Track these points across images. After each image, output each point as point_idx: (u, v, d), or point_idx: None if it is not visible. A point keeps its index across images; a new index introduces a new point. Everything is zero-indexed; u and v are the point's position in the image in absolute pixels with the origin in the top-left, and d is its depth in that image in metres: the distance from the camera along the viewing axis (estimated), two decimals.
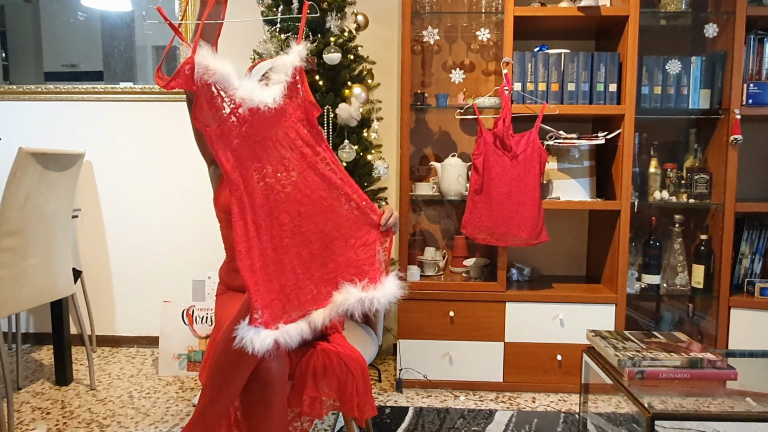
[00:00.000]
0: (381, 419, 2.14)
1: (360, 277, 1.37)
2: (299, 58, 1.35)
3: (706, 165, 2.46)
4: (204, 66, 1.18)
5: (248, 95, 1.26)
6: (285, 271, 1.30)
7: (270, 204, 1.30)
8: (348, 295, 1.34)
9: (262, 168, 1.30)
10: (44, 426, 2.08)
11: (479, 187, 2.32)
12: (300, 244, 1.33)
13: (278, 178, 1.31)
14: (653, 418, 1.33)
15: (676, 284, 2.47)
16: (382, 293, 1.37)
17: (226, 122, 1.25)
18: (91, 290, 3.01)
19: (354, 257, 1.39)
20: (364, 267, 1.38)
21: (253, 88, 1.28)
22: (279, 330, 1.26)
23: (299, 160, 1.35)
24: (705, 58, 2.36)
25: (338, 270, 1.37)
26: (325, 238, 1.36)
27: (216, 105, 1.23)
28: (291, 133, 1.34)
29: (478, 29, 2.44)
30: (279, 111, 1.32)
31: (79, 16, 2.91)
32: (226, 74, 1.21)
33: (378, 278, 1.38)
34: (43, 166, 2.07)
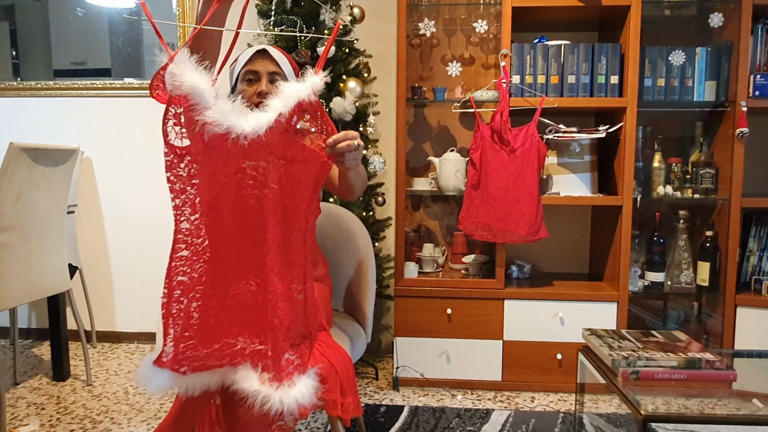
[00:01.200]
0: (375, 418, 2.11)
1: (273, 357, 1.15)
2: (310, 92, 1.11)
3: (712, 159, 2.39)
4: (173, 76, 1.05)
5: (219, 118, 1.07)
6: (210, 309, 1.15)
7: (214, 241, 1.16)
8: (246, 378, 1.15)
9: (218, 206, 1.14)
10: (37, 421, 2.08)
11: (476, 182, 2.28)
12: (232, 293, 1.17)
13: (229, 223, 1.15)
14: (645, 420, 1.28)
15: (681, 282, 2.40)
16: (282, 396, 1.12)
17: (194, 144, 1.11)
18: (90, 286, 3.01)
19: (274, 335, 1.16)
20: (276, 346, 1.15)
21: (227, 111, 1.08)
22: (185, 377, 1.15)
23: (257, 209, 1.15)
24: (710, 48, 2.29)
25: (254, 334, 1.17)
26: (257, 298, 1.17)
27: (191, 121, 1.09)
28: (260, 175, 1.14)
29: (476, 21, 2.39)
30: (258, 145, 1.11)
31: (78, 12, 2.91)
32: (198, 89, 1.06)
33: (292, 373, 1.15)
34: (36, 162, 2.06)
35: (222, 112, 1.08)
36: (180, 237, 1.15)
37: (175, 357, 1.14)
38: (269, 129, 1.10)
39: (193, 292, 1.15)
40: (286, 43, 2.26)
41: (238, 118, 1.09)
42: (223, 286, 1.17)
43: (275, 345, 1.15)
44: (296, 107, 1.11)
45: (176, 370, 1.15)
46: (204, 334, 1.16)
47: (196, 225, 1.15)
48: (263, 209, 1.15)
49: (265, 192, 1.14)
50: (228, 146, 1.10)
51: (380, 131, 2.75)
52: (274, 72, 1.44)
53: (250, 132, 1.09)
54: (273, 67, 1.45)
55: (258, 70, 1.44)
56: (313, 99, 1.13)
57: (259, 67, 1.44)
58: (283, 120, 1.11)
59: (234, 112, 1.09)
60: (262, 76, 1.43)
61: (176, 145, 1.11)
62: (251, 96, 1.42)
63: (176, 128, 1.10)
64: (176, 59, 1.06)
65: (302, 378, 1.16)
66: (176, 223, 1.14)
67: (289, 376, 1.15)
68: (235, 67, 1.50)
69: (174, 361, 1.15)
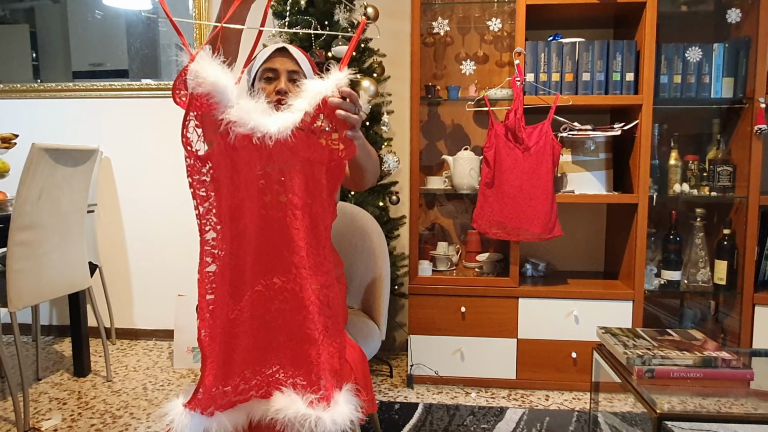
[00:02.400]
0: (389, 415, 2.12)
1: (308, 383, 1.11)
2: (335, 87, 1.05)
3: (730, 156, 2.37)
4: (195, 74, 0.99)
5: (243, 117, 1.02)
6: (242, 339, 1.10)
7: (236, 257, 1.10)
8: (291, 404, 1.10)
9: (240, 215, 1.08)
10: (59, 416, 2.13)
11: (490, 180, 2.28)
12: (259, 313, 1.11)
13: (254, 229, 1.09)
14: (660, 418, 1.28)
15: (698, 280, 2.38)
16: (331, 415, 1.08)
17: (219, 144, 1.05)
18: (110, 284, 3.07)
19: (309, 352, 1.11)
20: (318, 368, 1.10)
21: (251, 109, 1.03)
22: (213, 417, 1.09)
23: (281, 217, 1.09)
24: (728, 44, 2.26)
25: (289, 360, 1.12)
26: (287, 315, 1.11)
27: (212, 124, 1.03)
28: (286, 180, 1.08)
29: (490, 19, 2.39)
30: (283, 146, 1.05)
31: (96, 15, 2.96)
32: (220, 86, 1.01)
33: (332, 392, 1.10)
34: (57, 162, 2.11)
35: (246, 110, 1.03)
36: (207, 249, 1.07)
37: (206, 395, 1.08)
38: (295, 129, 1.05)
39: (220, 312, 1.08)
40: (300, 43, 2.28)
41: (263, 118, 1.04)
42: (249, 307, 1.11)
43: (313, 362, 1.11)
44: (320, 105, 1.05)
45: (205, 412, 1.09)
46: (228, 365, 1.10)
47: (223, 235, 1.08)
48: (293, 216, 1.08)
49: (293, 198, 1.08)
50: (252, 148, 1.05)
51: (394, 130, 2.76)
52: (293, 70, 1.43)
53: (276, 132, 1.04)
54: (292, 65, 1.44)
55: (277, 68, 1.44)
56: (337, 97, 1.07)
57: (279, 65, 1.44)
58: (308, 119, 1.06)
59: (258, 111, 1.04)
60: (281, 74, 1.43)
61: (197, 148, 1.05)
62: (270, 94, 1.42)
63: (198, 130, 1.04)
64: (197, 57, 1.00)
65: (342, 394, 1.12)
66: (201, 233, 1.06)
67: (332, 394, 1.10)
68: (254, 65, 1.50)
69: (205, 401, 1.08)
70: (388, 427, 2.02)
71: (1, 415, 2.14)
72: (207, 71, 1.00)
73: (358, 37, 1.06)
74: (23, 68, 3.05)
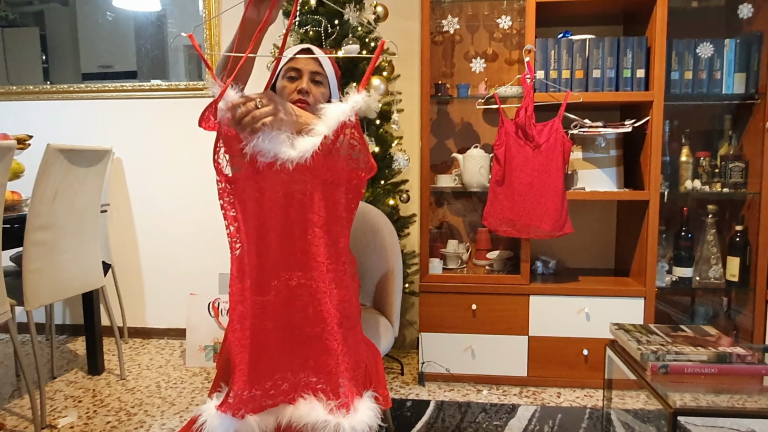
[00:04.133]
0: (401, 412, 2.13)
1: (329, 390, 1.17)
2: (352, 111, 1.10)
3: (742, 153, 2.36)
4: (222, 111, 1.09)
5: (266, 146, 1.10)
6: (267, 348, 1.17)
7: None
8: (312, 410, 1.16)
9: (266, 233, 1.16)
10: (75, 413, 2.15)
11: (500, 178, 2.28)
12: (284, 324, 1.18)
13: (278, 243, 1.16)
14: (676, 413, 1.28)
15: (710, 277, 2.37)
16: (350, 422, 1.13)
17: (245, 172, 1.14)
18: (122, 283, 3.10)
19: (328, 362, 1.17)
20: (337, 376, 1.16)
21: (275, 137, 1.10)
22: (243, 420, 1.15)
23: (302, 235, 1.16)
24: (739, 40, 2.25)
25: (311, 369, 1.19)
26: (308, 327, 1.18)
27: (239, 151, 1.12)
28: (307, 200, 1.15)
29: (499, 17, 2.39)
30: (303, 169, 1.12)
31: (108, 17, 2.98)
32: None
33: (351, 399, 1.15)
34: (71, 162, 2.13)
35: (269, 140, 1.10)
36: (237, 265, 1.16)
37: (236, 399, 1.14)
38: (315, 153, 1.10)
39: (247, 322, 1.15)
40: (311, 42, 2.29)
41: (284, 145, 1.10)
42: (274, 318, 1.17)
43: (332, 371, 1.17)
44: (339, 128, 1.11)
45: (236, 414, 1.15)
46: (257, 371, 1.17)
47: (250, 251, 1.16)
48: (313, 234, 1.15)
49: (313, 217, 1.15)
50: (275, 171, 1.12)
51: (404, 128, 2.77)
52: (316, 72, 1.44)
53: (297, 157, 1.09)
54: (315, 66, 1.45)
55: (300, 68, 1.45)
56: (353, 119, 1.11)
57: (302, 65, 1.44)
58: (328, 142, 1.11)
59: (281, 139, 1.11)
60: (304, 75, 1.44)
61: (227, 173, 1.14)
62: (291, 93, 1.44)
63: (226, 156, 1.13)
64: (226, 95, 1.08)
65: (362, 401, 1.17)
66: (231, 250, 1.16)
67: (351, 402, 1.15)
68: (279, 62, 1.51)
69: (236, 404, 1.14)
70: (400, 424, 2.03)
71: (19, 412, 2.17)
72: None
73: (377, 58, 1.08)
74: (33, 71, 3.08)
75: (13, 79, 3.09)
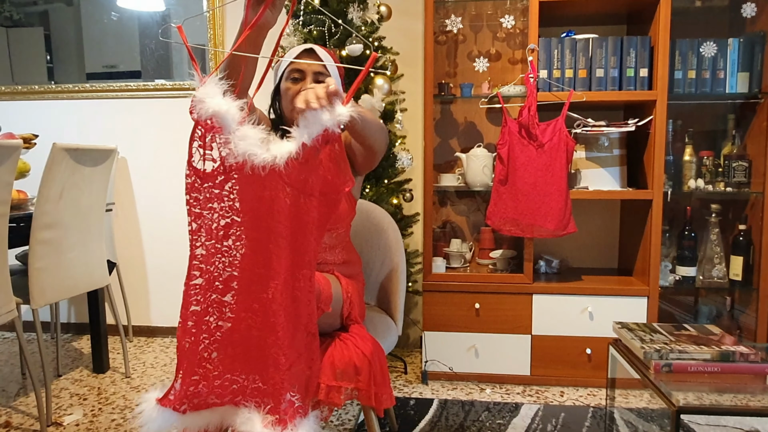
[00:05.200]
0: (405, 411, 2.14)
1: (271, 403, 1.11)
2: (334, 122, 1.04)
3: (745, 152, 2.36)
4: (199, 101, 1.03)
5: (240, 145, 1.04)
6: (221, 348, 1.13)
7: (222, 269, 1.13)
8: (248, 420, 1.10)
9: (229, 235, 1.11)
10: (80, 411, 2.17)
11: (504, 177, 2.29)
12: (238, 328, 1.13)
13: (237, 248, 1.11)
14: (679, 411, 1.29)
15: (713, 276, 2.37)
16: None
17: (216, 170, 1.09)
18: (127, 282, 3.11)
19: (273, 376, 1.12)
20: (280, 391, 1.11)
21: (248, 136, 1.04)
22: (184, 416, 1.12)
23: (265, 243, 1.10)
24: (743, 39, 2.25)
25: (259, 377, 1.13)
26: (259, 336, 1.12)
27: (209, 146, 1.07)
28: (276, 207, 1.09)
29: (502, 16, 2.40)
30: (276, 175, 1.06)
31: (113, 16, 3.00)
32: (220, 114, 1.03)
33: (292, 417, 1.09)
34: (77, 161, 2.14)
35: (243, 138, 1.04)
36: (195, 263, 1.12)
37: (180, 395, 1.12)
38: (290, 159, 1.04)
39: (202, 323, 1.13)
40: (314, 42, 2.30)
41: (258, 146, 1.04)
42: (229, 319, 1.13)
43: (276, 384, 1.12)
44: (319, 138, 1.05)
45: (177, 409, 1.12)
46: (207, 369, 1.13)
47: (211, 252, 1.12)
48: (276, 245, 1.10)
49: (280, 227, 1.09)
50: (246, 174, 1.06)
51: (407, 128, 2.78)
52: (319, 72, 1.44)
53: (270, 161, 1.04)
54: (319, 67, 1.45)
55: (304, 68, 1.44)
56: (336, 131, 1.06)
57: (305, 66, 1.44)
58: (304, 150, 1.05)
59: (256, 140, 1.05)
60: (308, 76, 1.44)
61: (198, 167, 1.09)
62: (295, 95, 1.44)
63: (200, 150, 1.08)
64: (205, 84, 1.03)
65: (304, 421, 1.11)
66: (191, 248, 1.12)
67: (291, 419, 1.10)
68: (281, 64, 1.51)
69: (177, 399, 1.12)
70: (403, 423, 2.04)
71: (25, 410, 2.19)
72: (209, 99, 1.02)
73: (366, 70, 1.04)
74: (38, 71, 3.09)
75: (18, 78, 3.11)
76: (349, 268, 1.62)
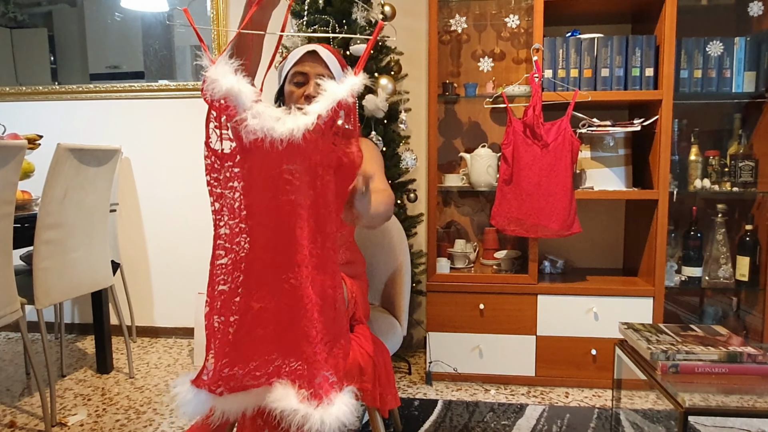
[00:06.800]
0: (409, 411, 2.13)
1: (305, 378, 1.10)
2: (351, 92, 1.05)
3: (752, 151, 2.34)
4: (212, 81, 1.03)
5: (255, 122, 1.04)
6: (252, 329, 1.12)
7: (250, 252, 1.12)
8: (284, 397, 1.09)
9: (252, 213, 1.11)
10: (85, 411, 2.16)
11: (508, 177, 2.28)
12: (267, 305, 1.12)
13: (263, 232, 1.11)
14: (686, 413, 1.28)
15: (719, 277, 2.36)
16: (321, 414, 1.06)
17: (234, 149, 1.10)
18: (130, 282, 3.11)
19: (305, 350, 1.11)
20: (314, 366, 1.10)
21: (263, 113, 1.04)
22: (221, 398, 1.12)
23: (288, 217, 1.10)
24: (749, 38, 2.24)
25: (292, 354, 1.12)
26: (289, 311, 1.11)
27: (227, 127, 1.08)
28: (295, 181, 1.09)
29: (507, 16, 2.39)
30: (294, 148, 1.07)
31: (116, 17, 3.00)
32: (234, 92, 1.03)
33: (327, 391, 1.09)
34: (81, 162, 2.14)
35: (259, 115, 1.04)
36: (219, 243, 1.12)
37: (214, 376, 1.11)
38: (307, 132, 1.05)
39: (231, 303, 1.12)
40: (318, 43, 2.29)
41: (274, 122, 1.05)
42: (259, 298, 1.12)
43: (311, 361, 1.11)
44: (335, 110, 1.06)
45: (213, 391, 1.12)
46: (241, 351, 1.12)
47: (235, 231, 1.12)
48: (298, 216, 1.09)
49: (300, 198, 1.09)
50: (265, 150, 1.06)
51: (412, 128, 2.77)
52: (323, 74, 1.42)
53: (287, 135, 1.05)
54: (322, 69, 1.43)
55: (307, 71, 1.43)
56: (351, 101, 1.07)
57: (308, 68, 1.43)
58: (322, 123, 1.06)
59: (272, 116, 1.05)
60: (311, 78, 1.43)
61: (216, 148, 1.10)
62: (299, 98, 1.42)
63: (216, 131, 1.09)
64: (216, 63, 1.03)
65: (340, 395, 1.10)
66: (215, 228, 1.11)
67: (327, 394, 1.09)
68: (284, 66, 1.50)
69: (212, 381, 1.12)
70: (408, 423, 2.03)
71: (29, 410, 2.19)
72: (221, 79, 1.03)
73: (374, 39, 1.06)
74: (42, 71, 3.10)
75: (23, 79, 3.11)
76: (353, 268, 1.61)
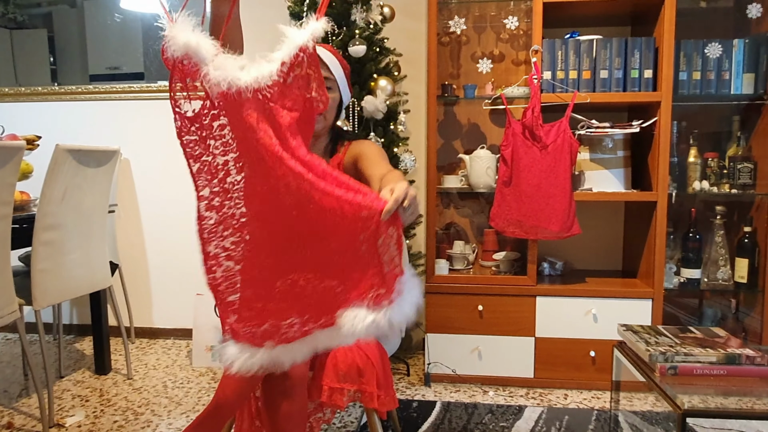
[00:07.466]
0: (408, 413, 2.13)
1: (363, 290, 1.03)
2: (311, 36, 1.02)
3: (750, 153, 2.34)
4: (170, 38, 1.00)
5: (218, 74, 1.02)
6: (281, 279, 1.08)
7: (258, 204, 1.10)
8: (355, 318, 1.02)
9: (241, 169, 1.09)
10: (82, 412, 2.16)
11: (508, 179, 2.28)
12: (294, 248, 1.06)
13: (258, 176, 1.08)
14: (685, 415, 1.28)
15: (718, 279, 2.36)
16: (398, 307, 1.01)
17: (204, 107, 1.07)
18: (129, 283, 3.11)
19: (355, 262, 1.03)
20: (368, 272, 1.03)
21: (226, 65, 1.02)
22: (274, 350, 1.09)
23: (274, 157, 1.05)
24: (748, 40, 2.24)
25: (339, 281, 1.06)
26: (322, 241, 1.05)
27: (194, 87, 1.06)
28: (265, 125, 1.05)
29: (506, 17, 2.39)
30: (260, 98, 1.05)
31: (116, 18, 3.00)
32: (192, 46, 1.00)
33: (391, 286, 1.02)
34: (80, 163, 2.14)
35: (221, 67, 1.03)
36: (204, 204, 1.11)
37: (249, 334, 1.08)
38: (272, 80, 1.03)
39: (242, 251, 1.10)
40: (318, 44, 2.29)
41: (238, 72, 1.03)
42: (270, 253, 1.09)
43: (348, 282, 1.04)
44: (297, 55, 1.03)
45: (258, 345, 1.08)
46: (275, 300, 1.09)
47: (215, 192, 1.11)
48: (271, 159, 1.05)
49: (276, 149, 1.04)
50: (233, 102, 1.05)
51: (411, 129, 2.77)
52: (325, 77, 1.40)
53: (252, 83, 1.03)
54: (324, 71, 1.41)
55: None
56: (311, 47, 1.03)
57: None
58: (285, 69, 1.03)
59: (234, 66, 1.03)
60: None
61: (182, 112, 1.08)
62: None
63: (183, 93, 1.06)
64: (173, 24, 1.02)
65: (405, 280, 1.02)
66: (197, 190, 1.09)
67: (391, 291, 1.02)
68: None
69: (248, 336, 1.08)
70: (406, 425, 2.03)
71: (27, 411, 2.18)
72: (179, 34, 1.01)
73: None
74: (41, 72, 3.10)
75: (22, 80, 3.11)
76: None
